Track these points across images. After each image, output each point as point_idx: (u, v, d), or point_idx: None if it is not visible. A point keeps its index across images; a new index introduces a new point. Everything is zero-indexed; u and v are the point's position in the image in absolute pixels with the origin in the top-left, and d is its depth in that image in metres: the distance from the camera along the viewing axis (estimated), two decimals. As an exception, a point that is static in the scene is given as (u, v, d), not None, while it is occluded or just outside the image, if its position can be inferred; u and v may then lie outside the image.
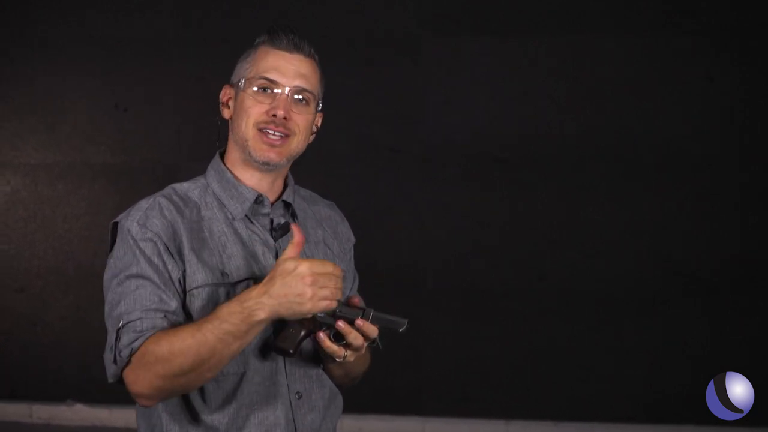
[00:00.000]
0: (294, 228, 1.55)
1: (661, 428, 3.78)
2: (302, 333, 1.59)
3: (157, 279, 1.57)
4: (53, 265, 4.08)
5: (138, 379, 1.52)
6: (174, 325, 1.54)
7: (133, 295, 1.56)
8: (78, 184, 4.06)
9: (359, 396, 2.31)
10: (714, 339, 3.74)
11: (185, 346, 1.49)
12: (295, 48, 1.68)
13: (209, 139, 1.80)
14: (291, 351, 1.58)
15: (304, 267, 1.49)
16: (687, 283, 3.75)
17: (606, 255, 3.77)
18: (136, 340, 1.52)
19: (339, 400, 1.79)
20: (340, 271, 1.53)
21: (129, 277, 1.58)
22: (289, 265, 1.49)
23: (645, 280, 3.76)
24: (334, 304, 1.53)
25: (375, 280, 3.82)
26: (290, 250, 1.52)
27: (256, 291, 1.50)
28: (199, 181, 1.73)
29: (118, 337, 1.54)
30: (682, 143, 3.73)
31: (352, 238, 1.89)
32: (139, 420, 1.68)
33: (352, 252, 1.88)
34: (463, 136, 3.82)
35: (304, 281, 1.48)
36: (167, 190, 1.70)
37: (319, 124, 1.76)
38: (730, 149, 3.71)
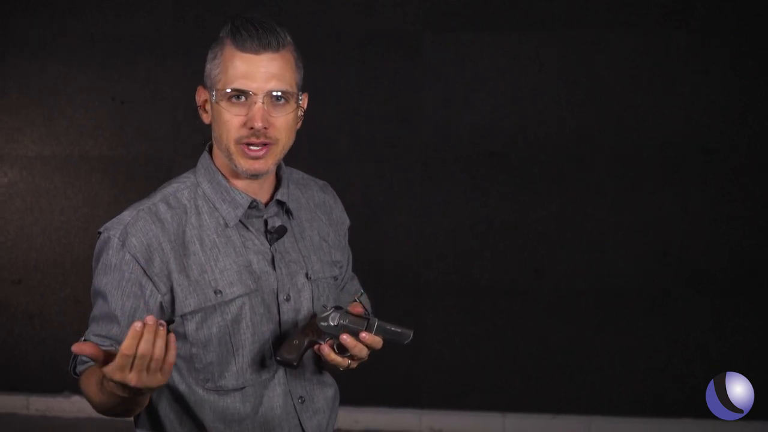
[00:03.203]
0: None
1: (659, 422, 3.78)
2: (306, 343, 1.55)
3: (116, 308, 1.54)
4: (50, 257, 4.07)
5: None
6: None
7: (96, 314, 1.57)
8: (75, 177, 4.04)
9: (356, 388, 2.31)
10: (714, 339, 3.74)
11: (97, 402, 1.47)
12: (262, 47, 1.54)
13: (204, 136, 1.76)
14: (295, 363, 1.54)
15: (126, 379, 1.33)
16: (687, 281, 3.74)
17: (606, 252, 3.76)
18: (84, 363, 1.54)
19: (337, 396, 1.78)
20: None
21: (98, 294, 1.58)
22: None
23: (645, 277, 3.75)
24: (165, 375, 1.36)
25: (374, 275, 3.83)
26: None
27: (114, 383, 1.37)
28: (189, 179, 1.66)
29: None
30: (684, 141, 3.71)
31: (347, 221, 1.85)
32: (141, 425, 1.67)
33: (347, 235, 1.85)
34: (463, 133, 3.81)
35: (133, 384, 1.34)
36: (156, 197, 1.63)
37: (305, 105, 1.66)
38: (732, 147, 3.70)
